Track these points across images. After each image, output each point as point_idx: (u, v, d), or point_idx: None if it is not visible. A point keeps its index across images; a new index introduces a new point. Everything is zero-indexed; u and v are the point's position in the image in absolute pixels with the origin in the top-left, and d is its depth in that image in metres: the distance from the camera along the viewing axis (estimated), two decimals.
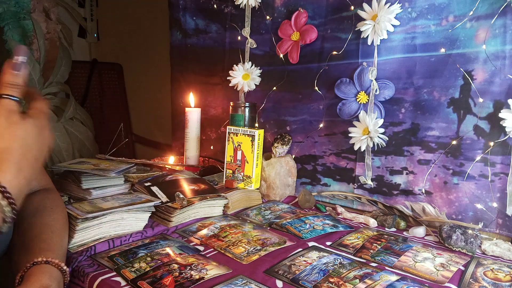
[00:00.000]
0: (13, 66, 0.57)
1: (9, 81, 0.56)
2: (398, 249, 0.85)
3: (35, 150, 0.57)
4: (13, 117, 0.55)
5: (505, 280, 0.73)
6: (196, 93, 1.48)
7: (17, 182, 0.53)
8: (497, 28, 0.91)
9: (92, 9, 2.58)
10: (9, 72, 0.57)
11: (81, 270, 0.73)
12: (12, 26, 1.54)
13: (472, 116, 0.97)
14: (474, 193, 0.98)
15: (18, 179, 0.53)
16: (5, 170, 0.52)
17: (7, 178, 0.52)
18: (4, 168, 0.52)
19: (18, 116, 0.56)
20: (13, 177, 0.53)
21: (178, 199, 0.98)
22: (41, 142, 0.58)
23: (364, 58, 1.10)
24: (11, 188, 0.52)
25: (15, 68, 0.57)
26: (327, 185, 1.22)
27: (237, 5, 1.33)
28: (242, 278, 0.71)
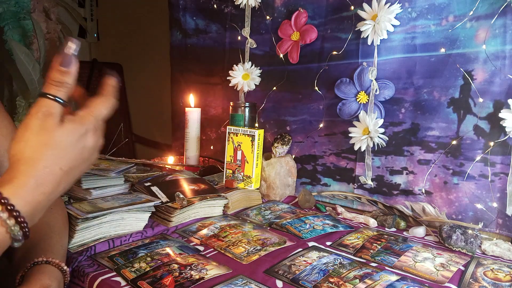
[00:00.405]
0: (63, 61, 0.49)
1: (55, 79, 0.49)
2: (398, 249, 0.85)
3: (67, 161, 0.49)
4: (50, 120, 0.48)
5: (505, 280, 0.73)
6: (196, 93, 1.48)
7: (32, 198, 0.46)
8: (497, 28, 0.91)
9: (92, 9, 2.58)
10: (56, 68, 0.49)
11: (81, 270, 0.73)
12: (12, 26, 1.54)
13: (472, 116, 0.97)
14: (474, 193, 0.98)
15: (34, 194, 0.46)
16: (19, 186, 0.45)
17: (20, 195, 0.45)
18: (20, 183, 0.45)
19: (56, 121, 0.48)
20: (28, 192, 0.45)
21: (178, 199, 0.98)
22: (77, 151, 0.49)
23: (364, 58, 1.10)
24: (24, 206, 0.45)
25: (65, 63, 0.49)
26: (327, 185, 1.22)
27: (237, 5, 1.33)
28: (242, 278, 0.71)
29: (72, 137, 0.49)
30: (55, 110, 0.48)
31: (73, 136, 0.49)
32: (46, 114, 0.48)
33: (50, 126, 0.47)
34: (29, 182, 0.46)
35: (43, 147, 0.47)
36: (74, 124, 0.49)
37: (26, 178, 0.46)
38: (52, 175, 0.47)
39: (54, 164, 0.47)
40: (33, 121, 0.47)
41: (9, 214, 0.44)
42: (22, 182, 0.45)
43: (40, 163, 0.46)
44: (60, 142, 0.48)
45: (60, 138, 0.48)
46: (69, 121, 0.49)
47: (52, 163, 0.47)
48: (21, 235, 0.45)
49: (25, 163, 0.46)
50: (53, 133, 0.47)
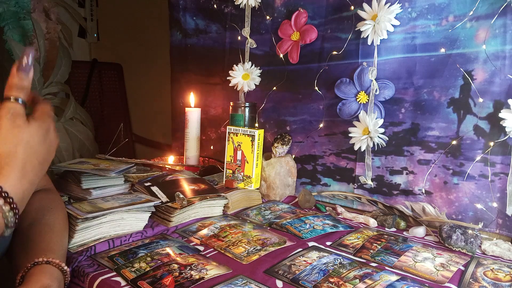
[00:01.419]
0: (21, 68, 0.56)
1: (16, 84, 0.56)
2: (398, 249, 0.85)
3: (40, 154, 0.57)
4: (18, 120, 0.55)
5: (505, 280, 0.73)
6: (196, 93, 1.48)
7: (20, 187, 0.53)
8: (497, 28, 0.91)
9: (92, 9, 2.58)
10: (16, 74, 0.56)
11: (81, 270, 0.73)
12: (12, 26, 1.54)
13: (472, 116, 0.97)
14: (474, 193, 0.98)
15: (22, 183, 0.53)
16: (8, 175, 0.52)
17: (10, 183, 0.52)
18: (7, 173, 0.52)
19: (23, 119, 0.55)
20: (17, 181, 0.52)
21: (178, 199, 0.98)
22: (46, 145, 0.58)
23: (364, 58, 1.10)
24: (14, 193, 0.52)
25: (23, 70, 0.56)
26: (327, 185, 1.22)
27: (237, 5, 1.33)
28: (242, 278, 0.71)
29: (41, 133, 0.57)
30: (21, 111, 0.55)
31: (41, 132, 0.57)
32: (15, 115, 0.55)
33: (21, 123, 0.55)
34: (15, 172, 0.53)
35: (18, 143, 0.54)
36: (39, 122, 0.57)
37: (12, 169, 0.52)
38: (32, 167, 0.55)
39: (31, 156, 0.55)
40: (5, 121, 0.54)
41: (4, 200, 0.50)
42: (9, 172, 0.52)
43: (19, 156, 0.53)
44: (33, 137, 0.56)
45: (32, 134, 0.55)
46: (33, 120, 0.57)
47: (29, 156, 0.55)
48: (13, 221, 0.51)
49: (7, 157, 0.53)
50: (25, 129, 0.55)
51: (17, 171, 0.53)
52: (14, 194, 0.52)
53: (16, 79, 0.56)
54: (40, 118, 0.58)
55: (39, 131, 0.57)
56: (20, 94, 0.56)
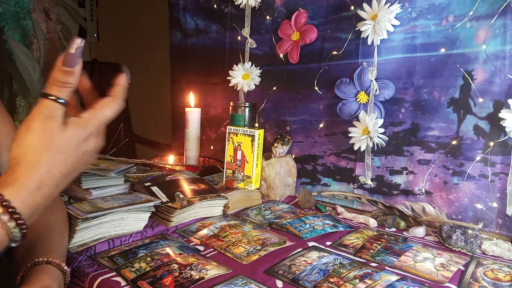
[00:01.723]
0: (66, 60, 0.48)
1: (57, 79, 0.47)
2: (398, 249, 0.85)
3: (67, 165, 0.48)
4: (52, 123, 0.47)
5: (505, 280, 0.73)
6: (196, 93, 1.48)
7: (31, 201, 0.46)
8: (497, 28, 0.91)
9: (92, 9, 2.58)
10: (59, 68, 0.48)
11: (81, 270, 0.73)
12: (12, 26, 1.54)
13: (472, 116, 0.97)
14: (474, 193, 0.98)
15: (35, 198, 0.46)
16: (20, 188, 0.45)
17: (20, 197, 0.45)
18: (21, 186, 0.45)
19: (59, 123, 0.47)
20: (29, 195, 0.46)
21: (178, 199, 0.98)
22: (79, 155, 0.49)
23: (364, 58, 1.10)
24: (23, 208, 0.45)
25: (68, 62, 0.47)
26: (327, 185, 1.22)
27: (237, 5, 1.33)
28: (242, 278, 0.71)
29: (74, 142, 0.48)
30: (57, 112, 0.47)
31: (76, 141, 0.48)
32: (48, 117, 0.47)
33: (52, 129, 0.47)
34: (30, 185, 0.46)
35: (45, 151, 0.46)
36: (78, 128, 0.49)
37: (27, 181, 0.46)
38: (52, 179, 0.47)
39: (55, 168, 0.47)
40: (35, 124, 0.47)
41: (10, 216, 0.44)
42: (23, 185, 0.45)
43: (41, 167, 0.46)
44: (61, 146, 0.47)
45: (62, 143, 0.47)
46: (72, 125, 0.48)
47: (53, 167, 0.47)
48: (19, 236, 0.46)
49: (27, 166, 0.46)
50: (55, 136, 0.47)
51: (33, 184, 0.46)
52: (23, 209, 0.45)
53: (59, 73, 0.47)
54: (83, 123, 0.49)
55: (75, 139, 0.48)
56: (62, 92, 0.48)
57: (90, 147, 0.50)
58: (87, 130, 0.49)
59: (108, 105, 0.52)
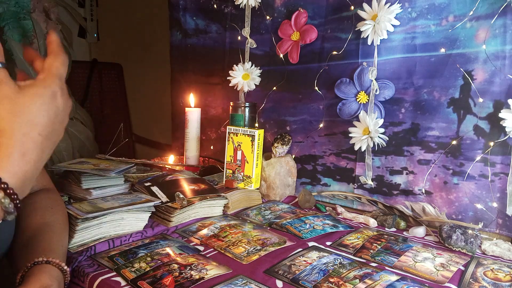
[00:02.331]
0: None
1: None
2: (398, 249, 0.85)
3: (43, 126, 0.47)
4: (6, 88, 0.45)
5: (505, 280, 0.73)
6: (196, 93, 1.48)
7: (19, 169, 0.45)
8: (497, 28, 0.91)
9: (92, 9, 2.58)
10: None
11: (81, 270, 0.73)
12: (12, 26, 1.54)
13: (472, 116, 0.97)
14: (474, 193, 0.98)
15: (21, 165, 0.45)
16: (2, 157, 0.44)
17: (5, 167, 0.44)
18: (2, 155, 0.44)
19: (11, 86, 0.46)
20: (14, 164, 0.44)
21: (178, 199, 0.98)
22: (51, 114, 0.48)
23: (364, 58, 1.10)
24: (12, 177, 0.44)
25: None
26: (327, 185, 1.22)
27: (237, 5, 1.33)
28: (242, 278, 0.71)
29: (39, 101, 0.47)
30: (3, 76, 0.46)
31: (40, 99, 0.47)
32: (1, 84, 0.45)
33: (9, 93, 0.45)
34: (12, 153, 0.44)
35: (12, 116, 0.45)
36: (37, 88, 0.47)
37: (8, 149, 0.44)
38: (33, 142, 0.46)
39: (31, 130, 0.46)
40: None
41: None
42: (4, 154, 0.44)
43: (16, 132, 0.45)
44: (27, 107, 0.46)
45: (25, 104, 0.46)
46: (29, 86, 0.47)
47: (29, 130, 0.46)
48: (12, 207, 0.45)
49: (3, 134, 0.44)
50: (15, 99, 0.45)
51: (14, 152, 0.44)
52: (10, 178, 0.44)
53: None
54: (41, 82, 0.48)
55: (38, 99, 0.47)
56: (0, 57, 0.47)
57: (60, 105, 0.49)
58: (49, 88, 0.48)
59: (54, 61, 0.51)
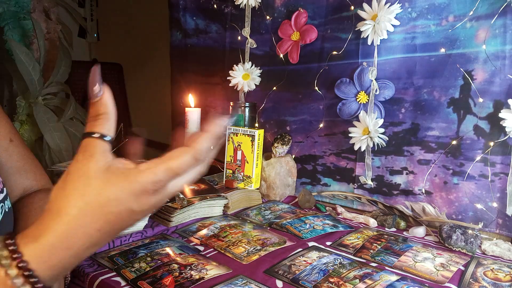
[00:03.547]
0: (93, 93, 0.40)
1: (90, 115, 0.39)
2: (398, 249, 0.85)
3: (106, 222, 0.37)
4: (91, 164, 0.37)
5: (505, 280, 0.73)
6: (196, 93, 1.48)
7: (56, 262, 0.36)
8: (497, 28, 0.91)
9: (92, 9, 2.58)
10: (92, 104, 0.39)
11: (81, 270, 0.73)
12: (12, 26, 1.54)
13: (472, 116, 0.97)
14: (474, 193, 0.98)
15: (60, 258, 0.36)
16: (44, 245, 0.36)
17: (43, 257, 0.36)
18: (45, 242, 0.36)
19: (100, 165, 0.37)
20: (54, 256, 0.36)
21: (178, 199, 0.98)
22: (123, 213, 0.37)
23: (364, 58, 1.10)
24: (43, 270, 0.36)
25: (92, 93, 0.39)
26: (327, 185, 1.22)
27: (237, 5, 1.33)
28: (242, 278, 0.71)
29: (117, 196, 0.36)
30: (97, 150, 0.38)
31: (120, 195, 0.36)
32: (87, 156, 0.37)
33: (91, 172, 0.37)
34: (58, 243, 0.36)
35: (78, 199, 0.36)
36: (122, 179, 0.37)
37: (55, 238, 0.36)
38: (87, 237, 0.37)
39: (91, 223, 0.36)
40: (74, 164, 0.38)
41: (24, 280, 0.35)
42: (49, 242, 0.36)
43: (73, 221, 0.36)
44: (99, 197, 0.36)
45: (100, 192, 0.36)
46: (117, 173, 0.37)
47: (88, 223, 0.36)
48: None
49: (57, 217, 0.36)
50: (92, 182, 0.36)
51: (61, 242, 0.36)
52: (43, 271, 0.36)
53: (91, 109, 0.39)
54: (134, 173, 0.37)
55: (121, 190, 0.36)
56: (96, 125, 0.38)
57: (142, 206, 0.38)
58: (140, 183, 0.37)
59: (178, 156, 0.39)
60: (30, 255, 0.35)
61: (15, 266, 0.35)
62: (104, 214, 0.36)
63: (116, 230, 0.38)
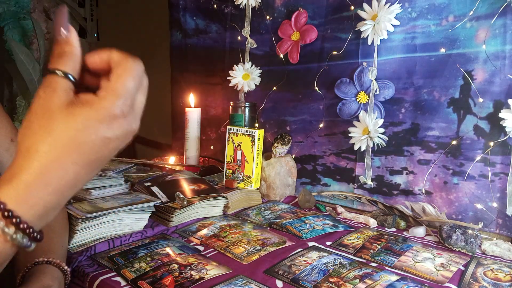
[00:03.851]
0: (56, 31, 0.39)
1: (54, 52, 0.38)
2: (398, 249, 0.85)
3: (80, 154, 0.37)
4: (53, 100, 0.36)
5: (505, 280, 0.73)
6: (196, 93, 1.48)
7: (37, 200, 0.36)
8: (497, 28, 0.91)
9: (92, 9, 2.58)
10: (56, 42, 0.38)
11: (81, 270, 0.73)
12: (12, 26, 1.54)
13: (472, 116, 0.97)
14: (474, 193, 0.98)
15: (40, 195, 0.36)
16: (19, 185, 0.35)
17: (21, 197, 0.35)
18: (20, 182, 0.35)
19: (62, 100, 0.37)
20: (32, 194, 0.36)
21: (178, 199, 0.98)
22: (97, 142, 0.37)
23: (364, 58, 1.10)
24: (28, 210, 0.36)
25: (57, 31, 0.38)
26: (327, 185, 1.22)
27: (237, 5, 1.33)
28: (242, 278, 0.71)
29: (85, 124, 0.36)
30: (58, 86, 0.37)
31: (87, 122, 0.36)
32: (48, 92, 0.37)
33: (53, 106, 0.36)
34: (33, 180, 0.36)
35: (46, 134, 0.36)
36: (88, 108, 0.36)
37: (28, 175, 0.35)
38: (63, 171, 0.36)
39: (64, 156, 0.36)
40: (35, 102, 0.37)
41: (6, 221, 0.35)
42: (23, 181, 0.35)
43: (44, 156, 0.36)
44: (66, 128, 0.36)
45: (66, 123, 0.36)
46: (82, 104, 0.37)
47: (61, 155, 0.36)
48: (27, 240, 0.37)
49: (27, 155, 0.36)
50: (57, 115, 0.36)
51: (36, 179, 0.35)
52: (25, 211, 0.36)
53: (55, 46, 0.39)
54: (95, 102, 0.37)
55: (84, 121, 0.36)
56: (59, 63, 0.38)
57: (115, 133, 0.38)
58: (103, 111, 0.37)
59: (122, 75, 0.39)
60: (6, 196, 0.35)
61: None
62: (76, 146, 0.36)
63: (95, 161, 0.38)
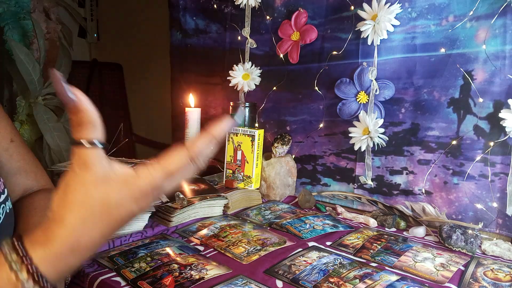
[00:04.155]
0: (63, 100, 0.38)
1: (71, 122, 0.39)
2: (398, 249, 0.85)
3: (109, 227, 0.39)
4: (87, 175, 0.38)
5: (505, 280, 0.73)
6: (196, 93, 1.48)
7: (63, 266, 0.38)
8: (497, 28, 0.91)
9: (92, 9, 2.58)
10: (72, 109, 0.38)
11: (81, 270, 0.73)
12: (12, 26, 1.54)
13: (472, 116, 0.97)
14: (474, 193, 0.98)
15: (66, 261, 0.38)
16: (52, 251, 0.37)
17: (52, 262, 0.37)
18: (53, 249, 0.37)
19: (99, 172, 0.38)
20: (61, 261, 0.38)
21: (178, 199, 0.98)
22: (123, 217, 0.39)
23: (364, 58, 1.10)
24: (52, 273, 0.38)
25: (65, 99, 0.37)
26: (327, 185, 1.22)
27: (237, 5, 1.33)
28: (242, 278, 0.71)
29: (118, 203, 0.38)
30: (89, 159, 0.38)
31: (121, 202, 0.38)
32: (81, 166, 0.38)
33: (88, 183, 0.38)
34: (64, 251, 0.38)
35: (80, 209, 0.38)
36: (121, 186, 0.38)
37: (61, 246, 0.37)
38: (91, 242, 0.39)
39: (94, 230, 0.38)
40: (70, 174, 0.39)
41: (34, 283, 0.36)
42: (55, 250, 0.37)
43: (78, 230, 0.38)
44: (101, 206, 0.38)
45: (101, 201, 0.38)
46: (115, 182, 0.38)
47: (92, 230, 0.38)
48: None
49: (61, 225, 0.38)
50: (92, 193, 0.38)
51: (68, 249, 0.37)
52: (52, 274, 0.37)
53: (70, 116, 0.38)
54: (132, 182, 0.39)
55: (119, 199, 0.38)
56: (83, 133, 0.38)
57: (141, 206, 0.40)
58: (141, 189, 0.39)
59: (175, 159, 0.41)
60: (39, 260, 0.37)
61: (25, 270, 0.36)
62: (106, 221, 0.38)
63: (117, 230, 0.40)
